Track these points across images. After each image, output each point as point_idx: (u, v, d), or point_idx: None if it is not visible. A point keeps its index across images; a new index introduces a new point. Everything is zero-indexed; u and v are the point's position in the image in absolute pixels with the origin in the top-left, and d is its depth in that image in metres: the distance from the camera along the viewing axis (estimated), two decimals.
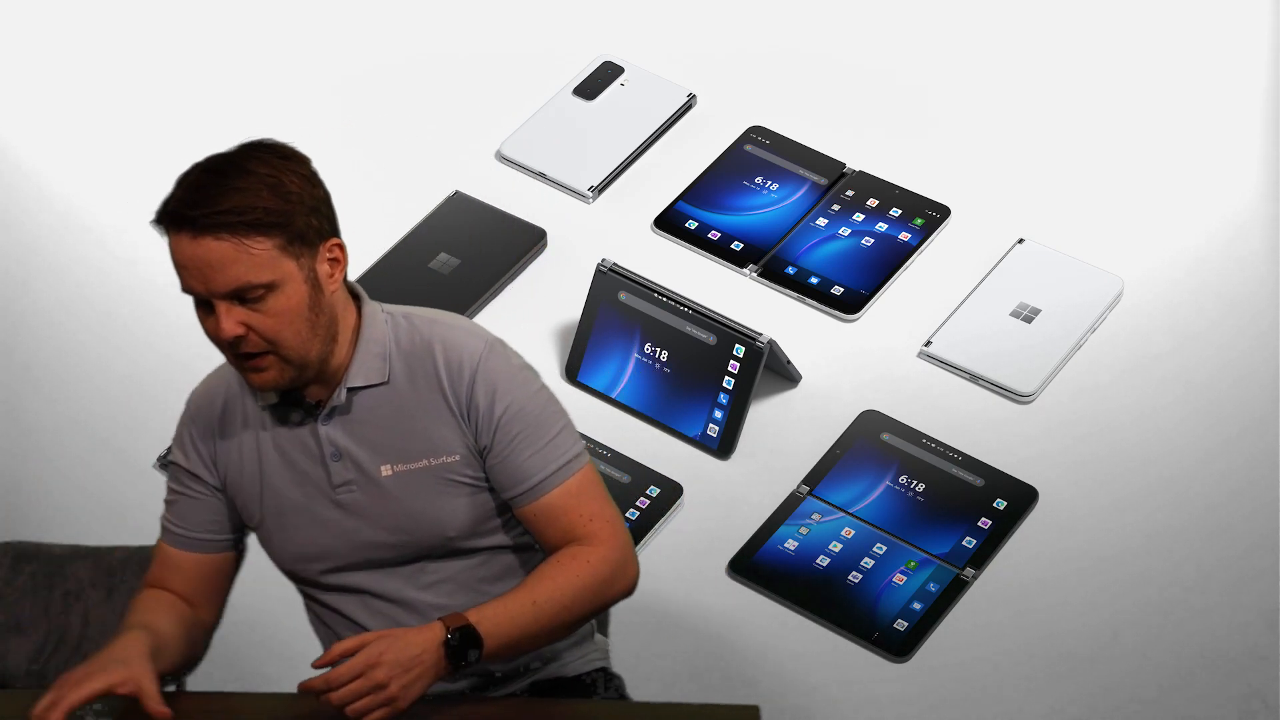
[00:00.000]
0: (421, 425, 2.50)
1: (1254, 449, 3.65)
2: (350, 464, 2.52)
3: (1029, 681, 3.35)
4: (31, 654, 2.81)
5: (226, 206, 2.35)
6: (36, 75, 4.42)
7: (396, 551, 2.54)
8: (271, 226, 2.37)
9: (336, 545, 2.54)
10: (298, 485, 2.54)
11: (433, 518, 2.52)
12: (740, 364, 3.68)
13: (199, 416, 2.58)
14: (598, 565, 2.49)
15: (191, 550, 2.60)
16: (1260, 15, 4.38)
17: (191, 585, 2.60)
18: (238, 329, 2.38)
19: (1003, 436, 3.70)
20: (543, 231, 4.06)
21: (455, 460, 2.51)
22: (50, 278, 4.05)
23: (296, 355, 2.42)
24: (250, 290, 2.37)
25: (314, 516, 2.54)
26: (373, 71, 4.40)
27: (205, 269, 2.37)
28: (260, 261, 2.37)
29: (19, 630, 2.82)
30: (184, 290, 2.42)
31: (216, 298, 2.38)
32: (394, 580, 2.56)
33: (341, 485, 2.52)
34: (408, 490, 2.51)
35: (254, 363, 2.42)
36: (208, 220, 2.35)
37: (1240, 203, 4.07)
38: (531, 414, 2.50)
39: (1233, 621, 3.41)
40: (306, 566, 2.58)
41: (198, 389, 2.61)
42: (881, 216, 4.06)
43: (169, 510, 2.61)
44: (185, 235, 2.37)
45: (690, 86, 4.33)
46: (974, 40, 4.42)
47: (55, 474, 3.72)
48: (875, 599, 3.46)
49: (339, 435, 2.51)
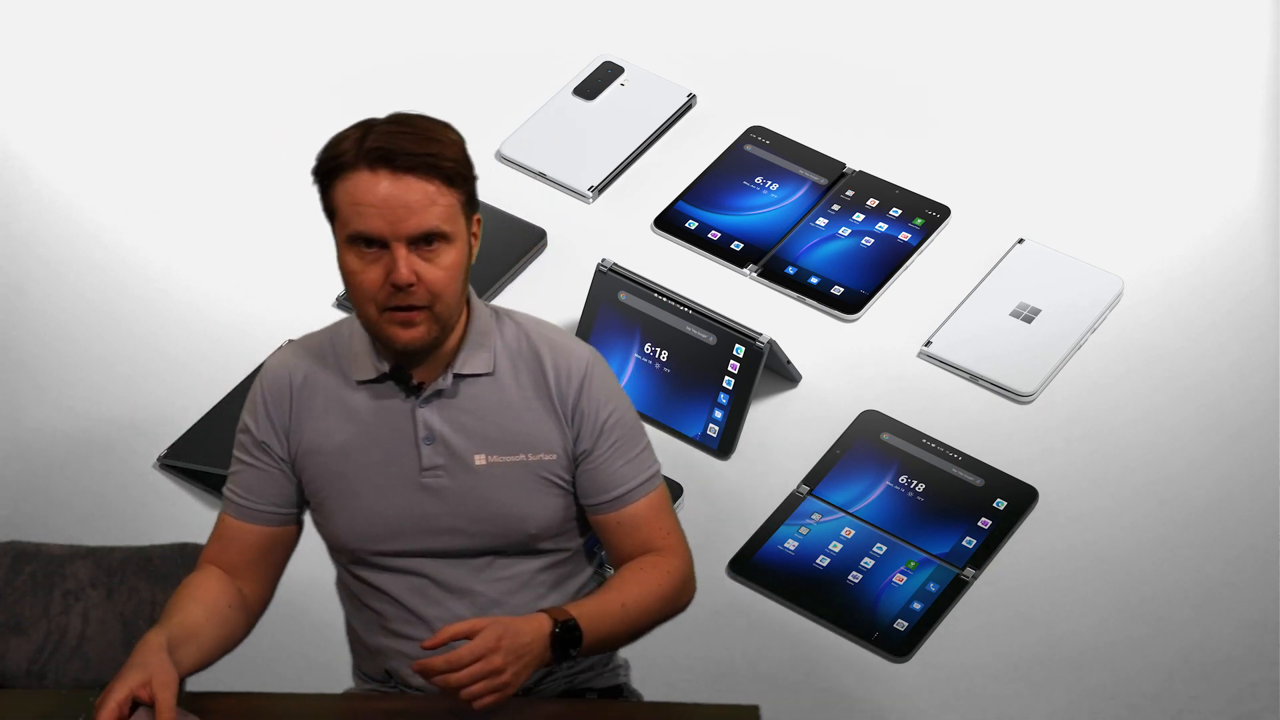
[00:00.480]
0: (523, 422, 2.53)
1: (1254, 449, 3.65)
2: (443, 449, 2.52)
3: (1029, 681, 3.35)
4: (31, 654, 2.81)
5: (436, 151, 2.40)
6: (37, 75, 4.42)
7: (471, 542, 2.55)
8: (464, 181, 2.43)
9: (410, 528, 2.54)
10: (382, 464, 2.53)
11: (519, 513, 2.54)
12: (740, 364, 3.68)
13: (276, 386, 2.57)
14: (675, 576, 2.56)
15: (254, 523, 2.59)
16: (1260, 15, 4.38)
17: (250, 558, 2.59)
18: (412, 276, 2.41)
19: (1003, 436, 3.70)
20: (543, 231, 4.06)
21: (552, 459, 2.54)
22: (50, 277, 4.05)
23: (447, 314, 2.46)
24: (434, 238, 2.41)
25: (393, 497, 2.53)
26: (373, 71, 4.40)
27: (400, 209, 2.39)
28: (448, 212, 2.41)
29: (19, 630, 2.82)
30: (351, 236, 2.42)
31: (399, 240, 2.40)
32: (459, 570, 2.56)
33: (430, 469, 2.53)
34: (499, 482, 2.53)
35: (408, 315, 2.43)
36: (416, 160, 2.39)
37: (1240, 203, 4.07)
38: (628, 425, 2.57)
39: (1233, 621, 3.41)
40: (369, 545, 2.56)
41: (272, 361, 2.60)
42: (881, 216, 4.07)
43: (233, 481, 2.60)
44: (385, 172, 2.39)
45: (690, 86, 4.33)
46: (974, 40, 4.42)
47: (55, 474, 3.72)
48: (875, 599, 3.46)
49: (435, 420, 2.52)
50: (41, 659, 2.81)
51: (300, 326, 3.87)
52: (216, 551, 2.60)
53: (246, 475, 2.59)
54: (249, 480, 2.59)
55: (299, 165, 4.21)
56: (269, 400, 2.57)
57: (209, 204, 4.18)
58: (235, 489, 2.60)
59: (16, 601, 2.84)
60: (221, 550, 2.60)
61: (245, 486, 2.59)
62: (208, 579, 2.56)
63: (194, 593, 2.54)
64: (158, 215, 4.16)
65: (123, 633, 2.82)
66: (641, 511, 2.57)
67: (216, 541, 2.60)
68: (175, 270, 4.05)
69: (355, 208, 2.41)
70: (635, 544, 2.57)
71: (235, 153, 4.27)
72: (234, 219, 4.15)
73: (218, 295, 4.00)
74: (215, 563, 2.59)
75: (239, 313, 3.96)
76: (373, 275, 2.43)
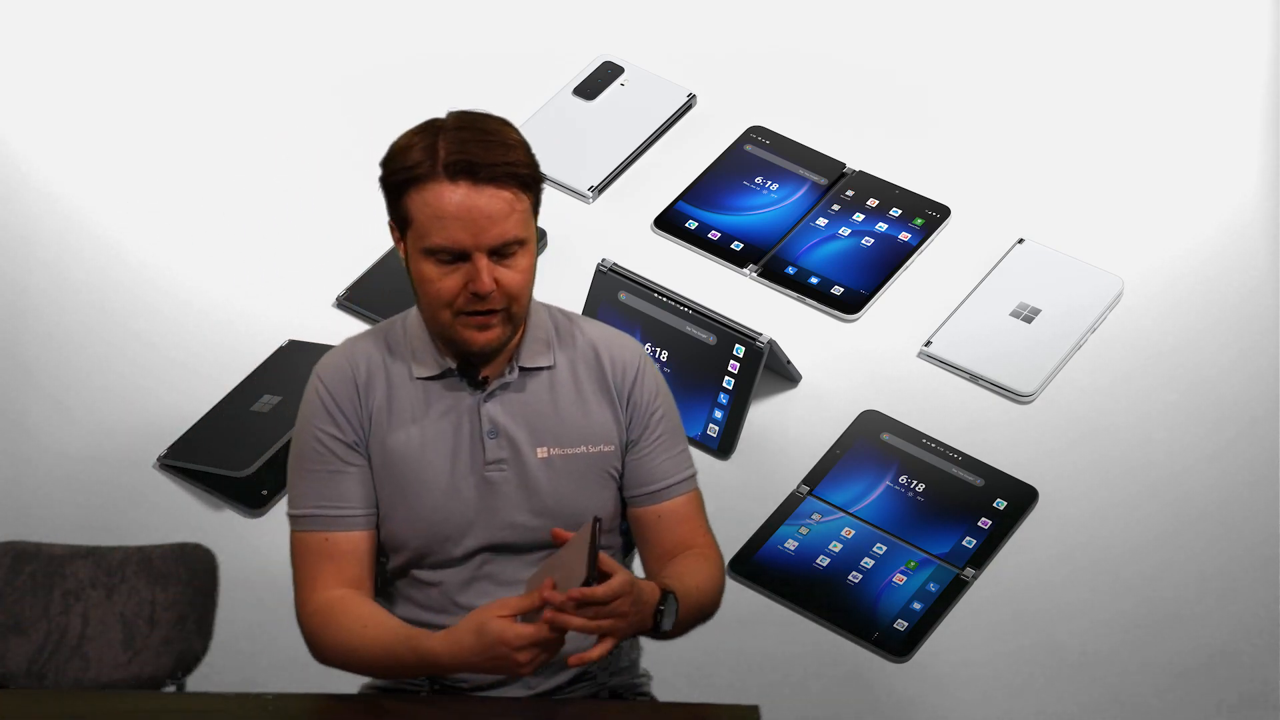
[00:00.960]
0: (584, 413, 2.56)
1: (1254, 449, 3.65)
2: (506, 442, 2.53)
3: (1029, 681, 3.35)
4: (31, 654, 2.81)
5: (514, 159, 2.42)
6: (36, 75, 4.42)
7: (530, 535, 2.55)
8: (535, 185, 2.46)
9: (472, 521, 2.54)
10: (445, 459, 2.53)
11: (578, 505, 2.55)
12: (740, 364, 3.68)
13: (341, 384, 2.53)
14: (721, 574, 2.60)
15: (366, 529, 2.53)
16: (1260, 15, 4.38)
17: (368, 567, 2.54)
18: (493, 284, 2.42)
19: (1003, 436, 3.70)
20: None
21: (610, 451, 2.57)
22: (50, 277, 4.05)
23: (521, 314, 2.48)
24: (513, 245, 2.43)
25: (456, 491, 2.53)
26: (373, 71, 4.40)
27: (482, 219, 2.40)
28: (524, 218, 2.44)
29: (19, 630, 2.82)
30: (430, 248, 2.41)
31: (481, 250, 2.41)
32: (514, 565, 2.56)
33: (493, 463, 2.53)
34: (559, 474, 2.55)
35: (485, 319, 2.45)
36: (496, 170, 2.40)
37: (1240, 203, 4.07)
38: (674, 421, 2.62)
39: (1233, 621, 3.41)
40: (432, 541, 2.54)
41: (327, 364, 2.55)
42: (881, 216, 4.07)
43: (324, 496, 2.52)
44: (465, 184, 2.40)
45: (690, 86, 4.33)
46: (974, 40, 4.42)
47: (55, 474, 3.71)
48: (875, 599, 3.46)
49: (499, 413, 2.53)
50: (41, 659, 2.81)
51: (300, 326, 3.90)
52: (333, 573, 2.51)
53: (344, 483, 2.52)
54: (347, 488, 2.52)
55: (299, 165, 4.24)
56: (339, 399, 2.52)
57: (209, 204, 4.18)
58: (334, 503, 2.52)
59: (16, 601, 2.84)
60: (338, 570, 2.52)
61: (344, 496, 2.52)
62: (360, 604, 2.50)
63: (368, 619, 2.49)
64: (158, 215, 4.16)
65: (123, 633, 2.82)
66: (681, 508, 2.60)
67: (329, 563, 2.51)
68: (175, 270, 4.05)
69: (437, 220, 2.40)
70: (674, 541, 2.59)
71: (235, 153, 4.27)
72: (234, 219, 4.15)
73: (218, 295, 4.00)
74: (339, 586, 2.51)
75: (239, 313, 3.96)
76: (450, 283, 2.43)
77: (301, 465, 2.54)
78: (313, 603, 2.52)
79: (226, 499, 3.63)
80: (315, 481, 2.53)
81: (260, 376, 3.81)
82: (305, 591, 2.53)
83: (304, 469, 2.54)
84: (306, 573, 2.53)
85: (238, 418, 3.72)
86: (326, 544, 2.52)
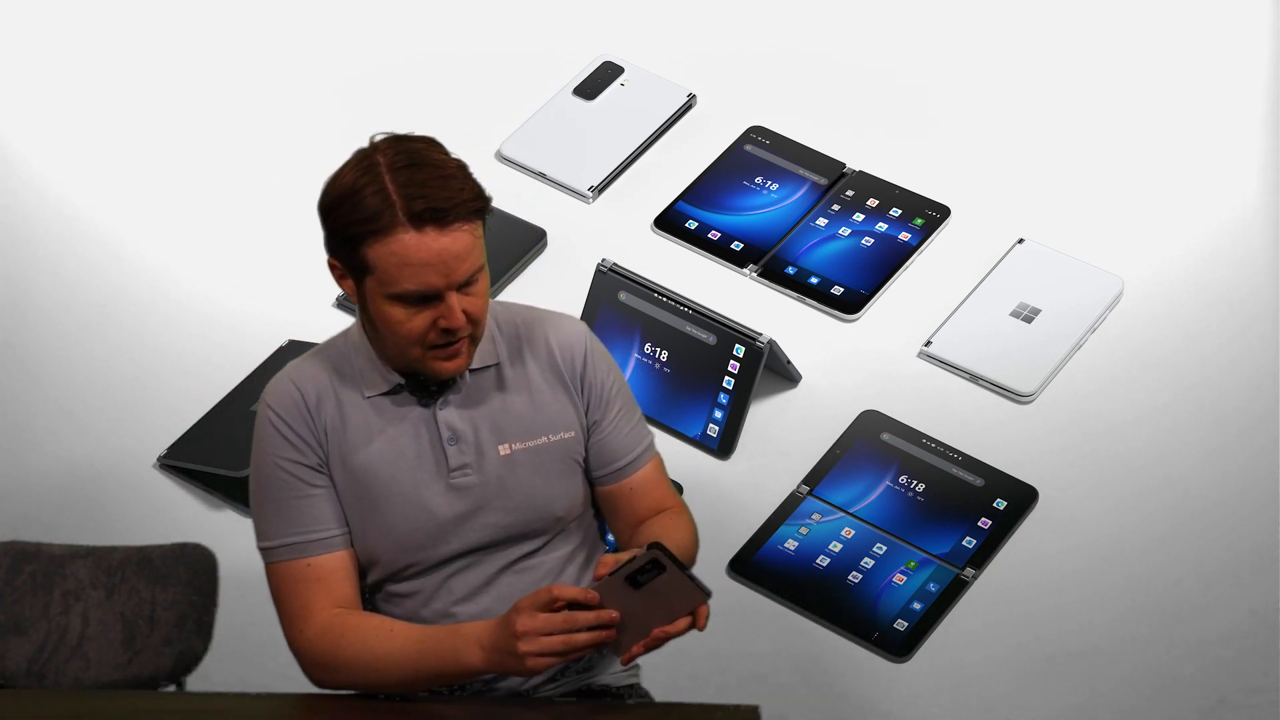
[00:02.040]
0: (539, 404, 2.55)
1: (1254, 449, 3.65)
2: (468, 446, 2.53)
3: (1029, 681, 3.35)
4: (31, 654, 2.81)
5: (469, 194, 2.39)
6: (36, 75, 4.42)
7: (502, 532, 2.55)
8: (486, 210, 2.42)
9: (446, 530, 2.52)
10: (409, 471, 2.52)
11: (546, 495, 2.55)
12: (740, 364, 3.68)
13: (292, 411, 2.51)
14: (694, 529, 2.63)
15: (344, 548, 2.52)
16: (1260, 15, 4.38)
17: (355, 584, 2.53)
18: (464, 317, 2.42)
19: (1003, 436, 3.70)
20: (543, 231, 4.06)
21: (571, 437, 2.56)
22: (50, 277, 4.05)
23: (482, 333, 2.49)
24: (476, 274, 2.42)
25: (424, 502, 2.52)
26: (373, 71, 4.40)
27: (451, 260, 2.38)
28: (480, 245, 2.42)
29: (19, 630, 2.82)
30: (399, 294, 2.39)
31: (453, 288, 2.40)
32: (483, 567, 2.56)
33: (458, 469, 2.53)
34: (525, 468, 2.54)
35: (454, 349, 2.45)
36: (458, 210, 2.38)
37: (1240, 203, 4.07)
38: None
39: (1233, 621, 3.41)
40: (404, 556, 2.53)
41: (274, 391, 2.53)
42: (881, 216, 4.07)
43: (298, 522, 2.49)
44: (432, 230, 2.37)
45: (690, 86, 4.33)
46: (974, 40, 4.42)
47: (55, 474, 3.71)
48: (875, 599, 3.46)
49: (455, 419, 2.53)
50: (41, 659, 2.81)
51: (300, 326, 3.89)
52: (324, 596, 2.49)
53: (315, 506, 2.50)
54: (320, 510, 2.51)
55: (299, 165, 4.24)
56: (293, 424, 2.50)
57: (209, 204, 4.18)
58: (309, 527, 2.50)
59: (16, 601, 2.84)
60: (328, 592, 2.50)
61: (318, 519, 2.50)
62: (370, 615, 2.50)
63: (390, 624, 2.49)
64: (158, 215, 4.16)
65: (123, 633, 2.82)
66: (650, 476, 2.62)
67: (318, 586, 2.49)
68: (175, 270, 4.05)
69: (406, 268, 2.38)
70: (647, 508, 2.61)
71: (235, 153, 4.27)
72: (234, 219, 4.15)
73: (218, 295, 4.00)
74: (333, 607, 2.49)
75: (239, 313, 3.96)
76: (420, 322, 2.42)
77: (267, 497, 2.51)
78: (313, 627, 2.49)
79: (226, 499, 3.63)
80: (286, 510, 2.50)
81: (260, 376, 3.81)
82: (300, 620, 2.50)
83: (271, 500, 2.50)
84: (296, 602, 2.50)
85: (238, 418, 3.72)
86: (310, 569, 2.50)
